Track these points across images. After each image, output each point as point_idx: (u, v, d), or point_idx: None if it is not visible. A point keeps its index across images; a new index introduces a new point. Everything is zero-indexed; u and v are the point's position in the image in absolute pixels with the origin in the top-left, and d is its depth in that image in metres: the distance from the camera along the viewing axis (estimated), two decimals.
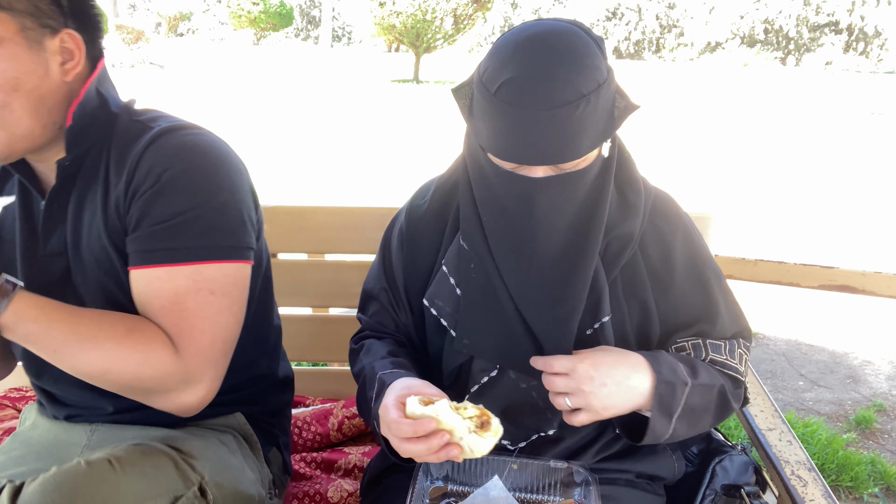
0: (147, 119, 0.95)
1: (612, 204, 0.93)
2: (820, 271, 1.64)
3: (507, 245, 0.91)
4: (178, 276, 0.87)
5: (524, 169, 0.85)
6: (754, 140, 10.70)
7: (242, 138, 8.85)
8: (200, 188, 0.88)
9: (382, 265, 1.07)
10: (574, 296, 0.91)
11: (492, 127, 0.83)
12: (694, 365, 0.93)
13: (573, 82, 0.79)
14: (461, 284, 0.96)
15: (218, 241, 0.89)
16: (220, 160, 0.92)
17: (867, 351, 3.17)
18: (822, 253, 4.90)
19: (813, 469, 1.07)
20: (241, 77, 18.75)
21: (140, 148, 0.89)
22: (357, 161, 7.80)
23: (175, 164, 0.88)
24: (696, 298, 0.98)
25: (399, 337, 1.06)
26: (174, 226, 0.87)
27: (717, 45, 48.83)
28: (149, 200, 0.87)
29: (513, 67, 0.81)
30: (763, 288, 1.71)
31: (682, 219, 1.00)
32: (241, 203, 0.92)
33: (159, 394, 0.87)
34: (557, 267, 0.90)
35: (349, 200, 5.85)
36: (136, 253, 0.88)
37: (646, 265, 0.96)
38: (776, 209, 6.18)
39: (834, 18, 45.72)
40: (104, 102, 0.93)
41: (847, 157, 9.29)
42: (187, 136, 0.91)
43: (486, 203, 0.91)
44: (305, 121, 10.95)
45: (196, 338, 0.87)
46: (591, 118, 0.81)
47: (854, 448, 2.31)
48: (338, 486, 1.27)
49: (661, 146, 9.44)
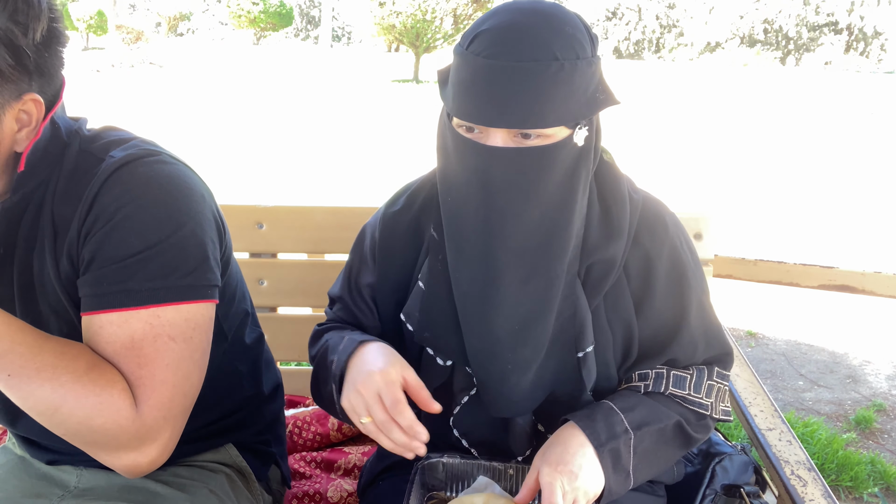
0: (98, 149, 0.85)
1: (595, 221, 0.87)
2: (820, 271, 1.64)
3: (461, 232, 0.84)
4: (134, 321, 0.78)
5: (483, 136, 0.79)
6: (754, 140, 10.70)
7: (242, 138, 8.85)
8: (157, 225, 0.80)
9: (348, 279, 1.03)
10: (538, 331, 0.85)
11: (458, 83, 0.79)
12: (635, 407, 0.89)
13: (548, 42, 0.76)
14: (425, 277, 0.92)
15: (176, 281, 0.80)
16: (179, 192, 0.83)
17: (867, 351, 3.17)
18: (821, 253, 4.90)
19: (813, 469, 1.07)
20: (240, 77, 18.75)
21: (94, 187, 0.80)
22: (357, 161, 7.80)
23: (129, 199, 0.79)
24: (671, 320, 0.92)
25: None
26: (128, 266, 0.78)
27: (716, 45, 48.84)
28: (100, 240, 0.79)
29: (490, 23, 0.79)
30: (763, 288, 1.72)
31: (670, 233, 0.93)
32: (202, 238, 0.84)
33: (108, 449, 0.78)
34: (517, 267, 0.83)
35: (349, 200, 5.85)
36: (88, 297, 0.80)
37: (629, 282, 0.91)
38: (776, 209, 6.18)
39: (833, 18, 45.74)
40: (56, 133, 0.84)
41: (847, 157, 9.28)
42: (143, 166, 0.82)
43: (444, 180, 0.86)
44: (305, 121, 10.95)
45: (157, 388, 0.78)
46: (562, 89, 0.76)
47: (854, 448, 2.31)
48: (337, 485, 1.27)
49: (661, 146, 9.44)
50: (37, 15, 0.73)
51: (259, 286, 1.49)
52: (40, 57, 0.76)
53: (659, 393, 0.93)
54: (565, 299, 0.87)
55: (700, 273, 0.97)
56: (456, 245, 0.86)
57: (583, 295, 0.88)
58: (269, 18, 35.13)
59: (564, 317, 0.88)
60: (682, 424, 0.91)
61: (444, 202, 0.87)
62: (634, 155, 8.33)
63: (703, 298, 0.96)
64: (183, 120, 10.26)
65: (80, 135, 0.87)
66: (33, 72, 0.76)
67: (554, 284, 0.85)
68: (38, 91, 0.78)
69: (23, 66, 0.74)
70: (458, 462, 0.93)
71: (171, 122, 9.90)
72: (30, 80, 0.76)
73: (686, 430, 0.92)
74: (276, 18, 35.42)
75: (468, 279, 0.86)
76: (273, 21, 35.48)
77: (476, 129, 0.80)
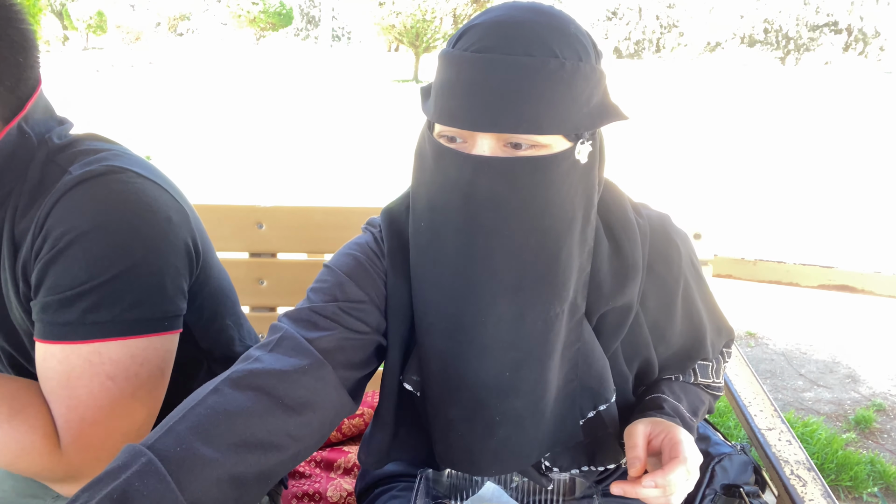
0: (64, 159, 0.79)
1: (605, 261, 0.77)
2: (819, 271, 1.64)
3: (438, 262, 0.73)
4: (73, 357, 0.74)
5: (468, 145, 0.69)
6: (754, 139, 10.69)
7: (242, 138, 8.85)
8: (106, 254, 0.74)
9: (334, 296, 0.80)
10: (532, 380, 0.74)
11: (442, 84, 0.68)
12: (681, 396, 0.88)
13: (547, 38, 0.66)
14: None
15: (123, 315, 0.75)
16: (137, 216, 0.76)
17: (866, 351, 3.17)
18: (821, 253, 4.90)
19: (812, 469, 1.07)
20: (240, 77, 18.74)
21: (46, 206, 0.75)
22: (357, 161, 7.79)
23: (80, 223, 0.73)
24: (690, 339, 0.89)
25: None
26: (70, 298, 0.73)
27: (716, 45, 48.83)
28: (46, 267, 0.74)
29: (481, 19, 0.69)
30: (762, 287, 1.72)
31: (683, 256, 0.86)
32: (159, 266, 0.78)
33: (44, 480, 0.77)
34: (508, 302, 0.71)
35: (349, 200, 5.85)
36: (36, 322, 0.76)
37: (646, 318, 0.83)
38: (776, 209, 6.18)
39: (833, 18, 45.73)
40: (25, 141, 0.78)
41: (846, 157, 9.28)
42: (99, 186, 0.75)
43: (419, 202, 0.75)
44: (305, 121, 10.94)
45: (84, 431, 0.74)
46: (561, 91, 0.65)
47: (853, 448, 2.31)
48: (337, 485, 1.27)
49: (662, 146, 9.43)
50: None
51: (259, 286, 1.49)
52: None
53: (688, 385, 0.94)
54: (570, 346, 0.77)
55: (703, 274, 0.94)
56: (431, 279, 0.74)
57: (595, 341, 0.79)
58: (268, 18, 35.11)
59: (569, 366, 0.78)
60: (705, 407, 0.94)
61: (417, 231, 0.75)
62: (634, 155, 8.33)
63: (709, 297, 0.94)
64: (183, 120, 10.25)
65: (49, 144, 0.80)
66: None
67: (553, 325, 0.74)
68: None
69: None
70: None
71: (171, 122, 9.89)
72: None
73: (706, 410, 0.95)
74: (275, 18, 35.40)
75: (448, 314, 0.74)
76: (273, 21, 35.46)
77: (459, 139, 0.70)
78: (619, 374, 0.83)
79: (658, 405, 0.83)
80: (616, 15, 51.89)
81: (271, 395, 0.67)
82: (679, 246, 0.85)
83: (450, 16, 20.71)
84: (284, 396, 0.68)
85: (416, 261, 0.77)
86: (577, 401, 0.80)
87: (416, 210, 0.76)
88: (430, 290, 0.75)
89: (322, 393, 0.71)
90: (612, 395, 0.80)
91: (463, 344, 0.74)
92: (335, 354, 0.73)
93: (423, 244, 0.75)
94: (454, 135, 0.69)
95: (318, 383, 0.71)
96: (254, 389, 0.67)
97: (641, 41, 51.60)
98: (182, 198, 0.88)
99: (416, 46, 20.94)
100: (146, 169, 0.83)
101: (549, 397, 0.77)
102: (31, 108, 0.78)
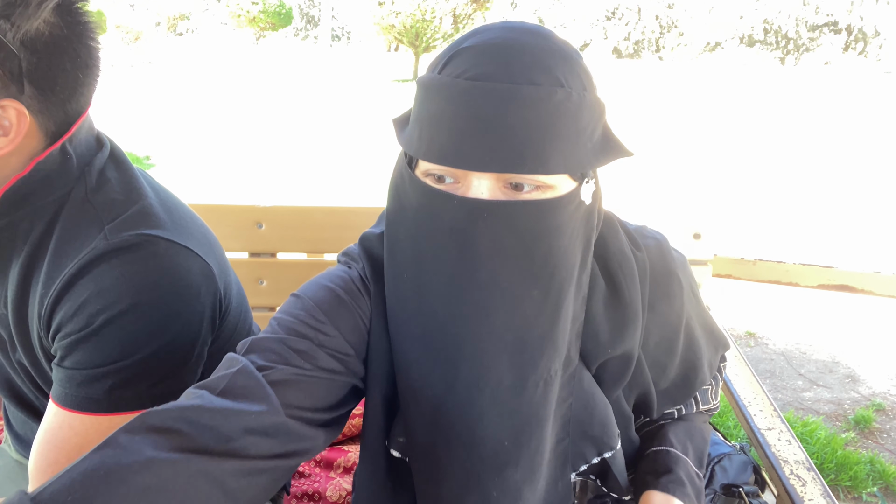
0: (100, 203, 0.77)
1: (601, 305, 0.70)
2: (819, 271, 1.64)
3: (426, 319, 0.64)
4: (92, 431, 0.74)
5: (460, 186, 0.60)
6: (754, 139, 10.69)
7: (242, 138, 8.85)
8: (138, 336, 0.73)
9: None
10: (532, 447, 0.66)
11: (426, 118, 0.59)
12: (688, 446, 0.85)
13: (552, 64, 0.58)
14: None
15: (150, 391, 0.75)
16: (174, 291, 0.76)
17: (866, 351, 3.17)
18: (820, 252, 4.90)
19: (812, 468, 1.07)
20: (240, 77, 18.73)
21: (79, 263, 0.73)
22: (357, 161, 7.79)
23: (115, 302, 0.72)
24: (690, 362, 0.84)
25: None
26: (100, 375, 0.73)
27: (716, 45, 48.83)
28: (76, 343, 0.73)
29: (472, 41, 0.59)
30: (762, 287, 1.72)
31: (684, 288, 0.79)
32: (193, 339, 0.78)
33: None
34: (509, 366, 0.63)
35: (349, 200, 5.85)
36: (55, 385, 0.76)
37: (647, 358, 0.77)
38: (775, 208, 6.18)
39: (833, 18, 45.74)
40: (67, 166, 0.76)
41: (846, 157, 9.28)
42: (139, 261, 0.74)
43: (398, 252, 0.65)
44: (305, 121, 10.94)
45: None
46: (568, 124, 0.58)
47: (853, 447, 2.31)
48: (336, 484, 1.27)
49: (661, 145, 9.43)
50: (29, 14, 0.68)
51: (259, 286, 1.49)
52: (33, 65, 0.70)
53: (691, 417, 0.91)
54: (562, 403, 0.69)
55: (699, 294, 0.88)
56: (414, 335, 0.65)
57: (596, 388, 0.73)
58: (268, 18, 35.10)
59: (560, 424, 0.70)
60: (709, 430, 0.92)
61: (396, 281, 0.66)
62: (634, 155, 8.31)
63: (705, 317, 0.87)
64: (183, 119, 10.25)
65: (87, 179, 0.78)
66: (23, 79, 0.70)
67: (552, 385, 0.67)
68: (31, 105, 0.71)
69: (5, 67, 0.68)
70: None
71: (170, 122, 9.89)
72: (17, 86, 0.70)
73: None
74: (275, 18, 35.39)
75: (437, 378, 0.65)
76: (273, 21, 35.45)
77: (450, 179, 0.60)
78: (621, 415, 0.78)
79: (668, 467, 0.79)
80: (615, 15, 51.84)
81: (212, 452, 0.56)
82: (680, 278, 0.79)
83: (450, 16, 20.70)
84: (226, 452, 0.57)
85: (395, 314, 0.67)
86: (569, 460, 0.72)
87: (395, 256, 0.66)
88: (414, 348, 0.66)
89: (276, 445, 0.61)
90: (617, 442, 0.74)
91: (454, 412, 0.64)
92: (296, 395, 0.63)
93: (405, 297, 0.65)
94: (444, 174, 0.60)
95: (270, 439, 0.60)
96: (189, 452, 0.56)
97: (641, 41, 51.54)
98: (207, 244, 0.85)
99: (415, 46, 20.94)
100: (172, 222, 0.80)
101: (544, 463, 0.70)
102: (76, 128, 0.77)
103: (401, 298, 0.66)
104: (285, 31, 42.48)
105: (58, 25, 0.71)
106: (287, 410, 0.62)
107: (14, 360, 0.84)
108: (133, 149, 7.55)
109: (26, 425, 0.96)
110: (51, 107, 0.73)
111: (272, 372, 0.63)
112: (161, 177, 5.21)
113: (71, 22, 0.73)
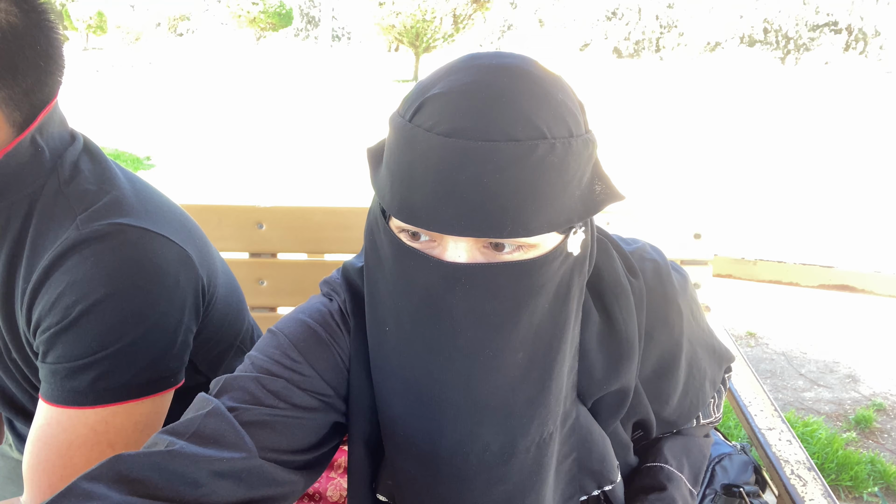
0: (73, 193, 0.76)
1: (594, 339, 0.66)
2: (819, 271, 1.64)
3: (405, 372, 0.60)
4: (80, 426, 0.73)
5: (436, 246, 0.56)
6: (754, 139, 10.69)
7: (243, 138, 8.85)
8: (116, 325, 0.72)
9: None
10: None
11: (398, 169, 0.54)
12: (683, 463, 0.83)
13: (531, 112, 0.52)
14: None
15: (133, 380, 0.74)
16: (150, 278, 0.74)
17: (867, 350, 3.17)
18: (821, 252, 4.90)
19: (812, 468, 1.07)
20: (241, 77, 18.74)
21: (52, 255, 0.72)
22: (357, 161, 7.79)
23: (91, 292, 0.71)
24: (692, 386, 0.81)
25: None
26: (82, 367, 0.72)
27: (716, 44, 48.83)
28: (56, 336, 0.72)
29: (443, 84, 0.54)
30: (762, 287, 1.72)
31: (684, 313, 0.76)
32: (173, 325, 0.77)
33: None
34: (496, 433, 0.60)
35: (349, 200, 5.85)
36: (42, 381, 0.75)
37: (645, 387, 0.74)
38: (775, 208, 6.18)
39: (833, 18, 45.74)
40: (38, 157, 0.75)
41: (846, 157, 9.28)
42: (112, 249, 0.73)
43: (380, 298, 0.61)
44: (306, 121, 10.94)
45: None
46: (552, 179, 0.53)
47: (853, 447, 2.31)
48: (337, 484, 1.27)
49: (661, 145, 9.43)
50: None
51: (259, 286, 1.49)
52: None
53: (690, 432, 0.90)
54: (563, 459, 0.66)
55: (701, 312, 0.85)
56: (398, 391, 0.62)
57: (593, 422, 0.69)
58: (268, 18, 35.12)
59: (565, 482, 0.68)
60: (709, 443, 0.91)
61: (377, 330, 0.63)
62: (634, 155, 8.33)
63: (707, 334, 0.84)
64: (183, 120, 10.25)
65: (60, 171, 0.78)
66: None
67: (548, 448, 0.63)
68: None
69: None
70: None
71: (171, 123, 9.89)
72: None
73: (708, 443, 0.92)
74: (275, 18, 35.40)
75: (421, 439, 0.61)
76: (273, 21, 35.46)
77: (425, 237, 0.56)
78: (620, 444, 0.75)
79: (661, 484, 0.78)
80: (616, 15, 51.85)
81: (181, 500, 0.54)
82: (680, 306, 0.75)
83: (450, 16, 20.71)
84: (194, 499, 0.55)
85: (377, 364, 0.64)
86: (562, 496, 0.69)
87: (376, 308, 0.62)
88: (397, 403, 0.62)
89: (248, 490, 0.58)
90: (617, 475, 0.71)
91: (440, 476, 0.61)
92: (270, 437, 0.61)
93: (387, 350, 0.62)
94: (419, 231, 0.56)
95: (242, 484, 0.58)
96: (157, 500, 0.53)
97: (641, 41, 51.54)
98: (185, 232, 0.84)
99: (416, 46, 20.94)
100: (146, 211, 0.80)
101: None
102: (45, 119, 0.76)
103: (382, 349, 0.63)
104: (286, 31, 42.50)
105: (13, 13, 0.70)
106: (262, 453, 0.59)
107: (9, 362, 0.84)
108: (133, 149, 7.56)
109: (26, 427, 0.97)
110: (14, 96, 0.72)
111: (245, 413, 0.60)
112: (161, 177, 5.20)
113: (27, 9, 0.72)
